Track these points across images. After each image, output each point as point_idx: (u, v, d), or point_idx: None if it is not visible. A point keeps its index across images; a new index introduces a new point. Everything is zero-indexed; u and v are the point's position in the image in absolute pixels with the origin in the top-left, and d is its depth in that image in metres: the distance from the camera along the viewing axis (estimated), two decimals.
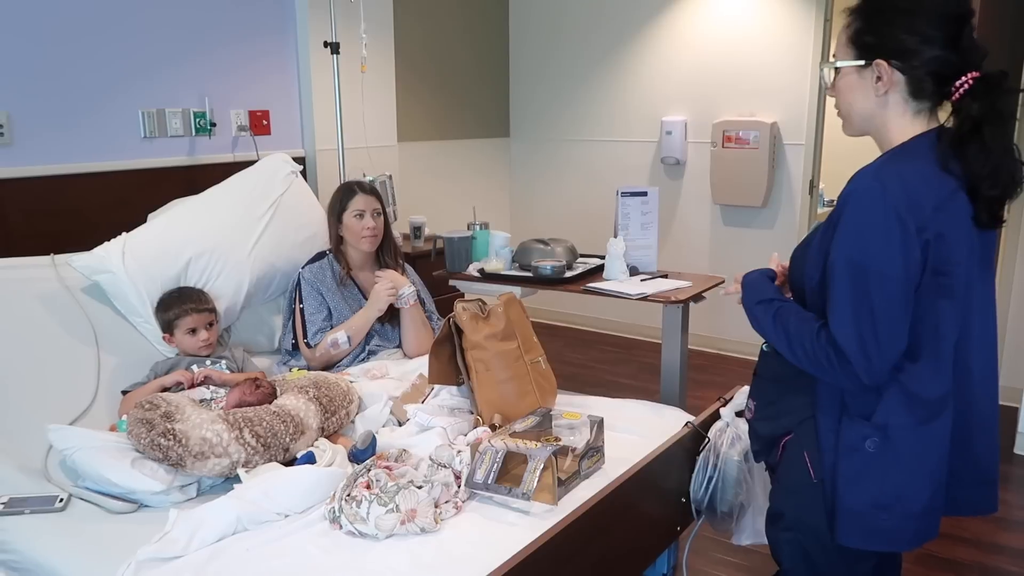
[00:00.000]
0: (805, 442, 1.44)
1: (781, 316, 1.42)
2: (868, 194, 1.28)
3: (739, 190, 4.44)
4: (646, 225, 2.88)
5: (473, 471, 1.73)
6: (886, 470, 1.34)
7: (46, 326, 2.25)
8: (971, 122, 1.29)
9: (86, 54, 2.88)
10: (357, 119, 3.75)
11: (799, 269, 1.46)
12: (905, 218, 1.26)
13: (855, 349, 1.29)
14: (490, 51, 5.11)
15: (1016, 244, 3.82)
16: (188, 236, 2.51)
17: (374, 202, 2.63)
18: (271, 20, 3.49)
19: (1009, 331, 3.89)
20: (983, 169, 1.29)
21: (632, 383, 4.20)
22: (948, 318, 1.32)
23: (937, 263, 1.29)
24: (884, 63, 1.34)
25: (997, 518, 2.87)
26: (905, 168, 1.30)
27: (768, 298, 1.46)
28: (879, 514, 1.35)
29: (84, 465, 1.82)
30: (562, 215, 5.18)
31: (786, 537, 1.51)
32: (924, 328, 1.32)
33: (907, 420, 1.33)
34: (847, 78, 1.40)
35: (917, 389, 1.33)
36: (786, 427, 1.48)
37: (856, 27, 1.38)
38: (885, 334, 1.29)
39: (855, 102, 1.40)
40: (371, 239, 2.61)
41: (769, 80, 4.31)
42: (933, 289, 1.30)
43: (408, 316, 2.61)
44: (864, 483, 1.35)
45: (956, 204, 1.30)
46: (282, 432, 1.90)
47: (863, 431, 1.35)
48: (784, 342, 1.40)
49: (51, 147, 2.82)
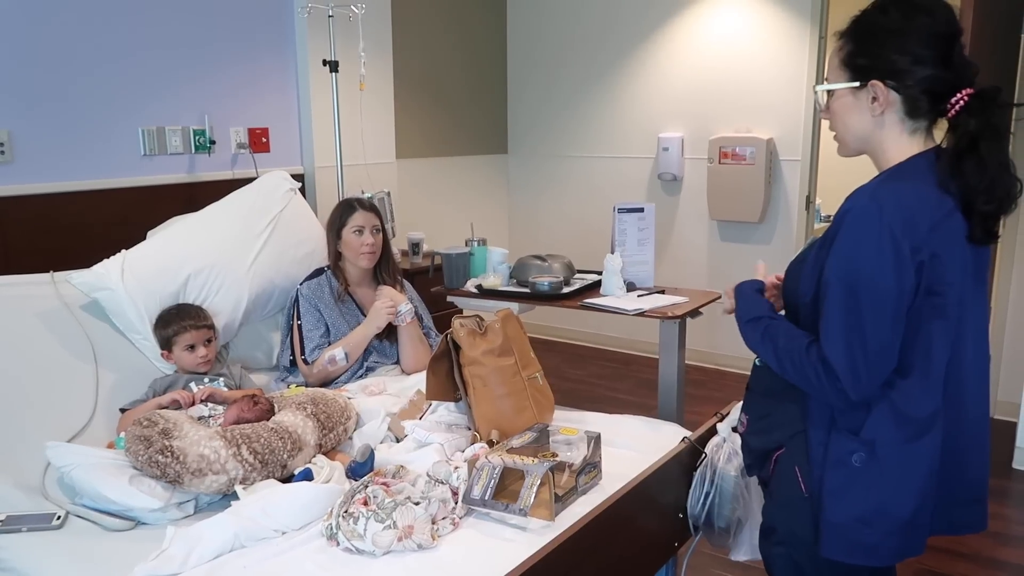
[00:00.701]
0: (796, 456, 1.44)
1: (770, 332, 1.43)
2: (865, 213, 1.30)
3: (736, 206, 4.46)
4: (643, 241, 2.90)
5: (470, 487, 1.73)
6: (871, 485, 1.35)
7: (45, 343, 2.26)
8: (968, 138, 1.30)
9: (87, 72, 2.91)
10: (356, 136, 3.78)
11: (793, 285, 1.47)
12: (900, 239, 1.27)
13: (844, 366, 1.30)
14: (488, 69, 5.15)
15: (1012, 258, 3.84)
16: (187, 253, 2.52)
17: (373, 218, 2.64)
18: (270, 39, 3.52)
19: (1006, 345, 3.90)
20: (979, 184, 1.30)
21: (630, 399, 4.20)
22: (940, 338, 1.33)
23: (931, 283, 1.30)
24: (880, 83, 1.35)
25: (996, 533, 2.86)
26: (902, 188, 1.31)
27: (757, 316, 1.48)
28: (862, 528, 1.36)
29: (82, 482, 1.81)
30: (560, 231, 5.20)
31: (778, 552, 1.52)
32: (916, 347, 1.33)
33: (894, 437, 1.34)
34: (842, 100, 1.41)
35: (906, 407, 1.33)
36: (778, 441, 1.49)
37: (848, 50, 1.39)
38: (875, 353, 1.30)
39: (851, 123, 1.41)
40: (369, 256, 2.62)
41: (765, 97, 4.34)
42: (926, 309, 1.31)
43: (406, 333, 2.62)
44: (849, 497, 1.36)
45: (952, 223, 1.31)
46: (280, 449, 1.90)
47: (850, 446, 1.36)
48: (773, 358, 1.42)
49: (51, 165, 2.84)
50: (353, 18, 3.42)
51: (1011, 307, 3.87)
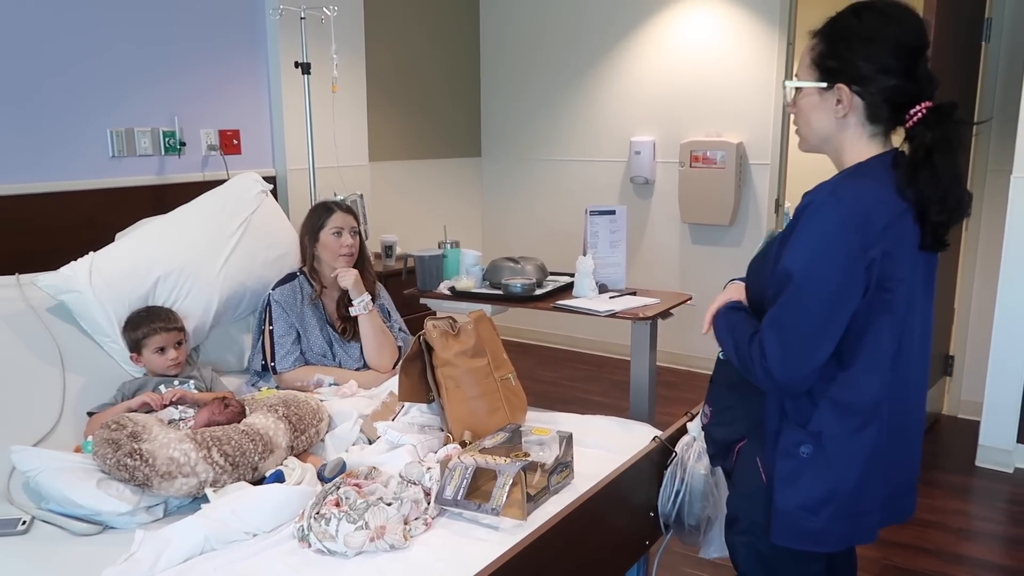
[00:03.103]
0: (757, 447, 1.49)
1: (731, 324, 1.49)
2: (822, 209, 1.34)
3: (707, 209, 4.51)
4: (615, 243, 2.93)
5: (443, 487, 1.74)
6: (816, 475, 1.40)
7: (10, 346, 2.22)
8: (924, 149, 1.35)
9: (54, 72, 2.87)
10: (328, 139, 3.77)
11: (757, 281, 1.51)
12: (853, 236, 1.32)
13: (775, 349, 1.36)
14: (461, 72, 5.16)
15: (974, 264, 3.93)
16: (156, 255, 2.50)
17: (351, 220, 2.64)
18: (242, 40, 3.50)
19: (968, 347, 3.99)
20: (933, 194, 1.35)
21: (603, 400, 4.22)
22: (886, 332, 1.38)
23: (881, 279, 1.35)
24: (845, 88, 1.39)
25: (959, 529, 2.92)
26: (861, 186, 1.36)
27: (733, 307, 1.52)
28: (807, 516, 1.41)
29: (48, 487, 1.79)
30: (532, 234, 5.22)
31: (741, 540, 1.56)
32: (863, 340, 1.38)
33: (839, 429, 1.39)
34: (808, 98, 1.45)
35: (849, 398, 1.39)
36: (740, 432, 1.54)
37: (820, 50, 1.43)
38: (806, 339, 1.35)
39: (814, 121, 1.45)
40: (348, 257, 2.61)
41: (735, 102, 4.40)
42: (876, 304, 1.36)
43: (367, 323, 2.59)
44: (795, 486, 1.42)
45: (903, 225, 1.37)
46: (251, 451, 1.89)
47: (798, 437, 1.41)
48: (732, 349, 1.47)
49: (18, 166, 2.80)
50: (325, 20, 3.41)
51: (974, 310, 3.96)
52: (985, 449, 3.47)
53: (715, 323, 1.53)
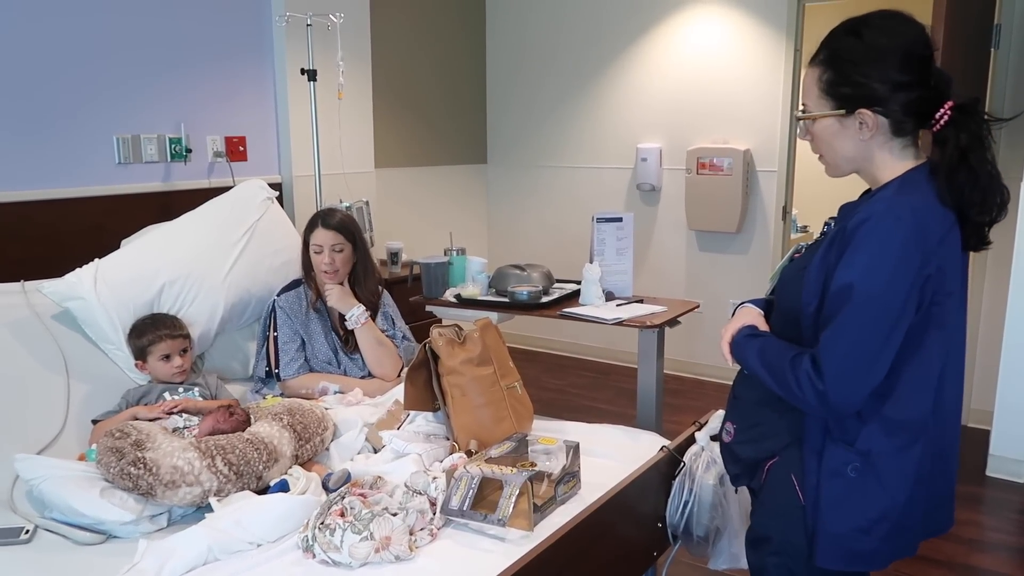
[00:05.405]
0: (792, 465, 1.43)
1: (759, 347, 1.44)
2: (883, 225, 1.29)
3: (713, 216, 4.49)
4: (621, 251, 2.91)
5: (448, 497, 1.72)
6: (867, 494, 1.36)
7: (15, 353, 2.22)
8: (958, 153, 1.32)
9: (60, 79, 2.87)
10: (334, 145, 3.77)
11: (794, 292, 1.44)
12: (915, 254, 1.28)
13: (834, 370, 1.30)
14: (467, 78, 5.16)
15: (984, 270, 3.90)
16: (162, 262, 2.49)
17: (334, 237, 2.55)
18: (248, 47, 3.50)
19: (979, 354, 3.95)
20: (973, 195, 1.32)
21: (609, 408, 4.20)
22: (936, 347, 1.35)
23: (934, 294, 1.32)
24: (867, 111, 1.35)
25: (970, 539, 2.89)
26: (915, 201, 1.32)
27: (753, 333, 1.48)
28: (860, 537, 1.37)
29: (51, 495, 1.78)
30: (538, 241, 5.21)
31: (773, 562, 1.50)
32: (913, 356, 1.34)
33: (888, 446, 1.35)
34: (828, 127, 1.40)
35: (898, 415, 1.35)
36: (770, 450, 1.48)
37: (828, 78, 1.38)
38: (867, 362, 1.30)
39: (839, 148, 1.41)
40: (330, 275, 2.57)
41: (742, 108, 4.39)
42: (927, 319, 1.33)
43: (364, 334, 2.56)
44: (846, 507, 1.37)
45: (953, 236, 1.34)
46: (255, 460, 1.88)
47: (846, 456, 1.36)
48: (763, 371, 1.42)
49: (24, 172, 2.80)
50: (331, 27, 3.41)
51: (983, 317, 3.93)
52: (996, 459, 3.43)
53: (735, 350, 1.49)
